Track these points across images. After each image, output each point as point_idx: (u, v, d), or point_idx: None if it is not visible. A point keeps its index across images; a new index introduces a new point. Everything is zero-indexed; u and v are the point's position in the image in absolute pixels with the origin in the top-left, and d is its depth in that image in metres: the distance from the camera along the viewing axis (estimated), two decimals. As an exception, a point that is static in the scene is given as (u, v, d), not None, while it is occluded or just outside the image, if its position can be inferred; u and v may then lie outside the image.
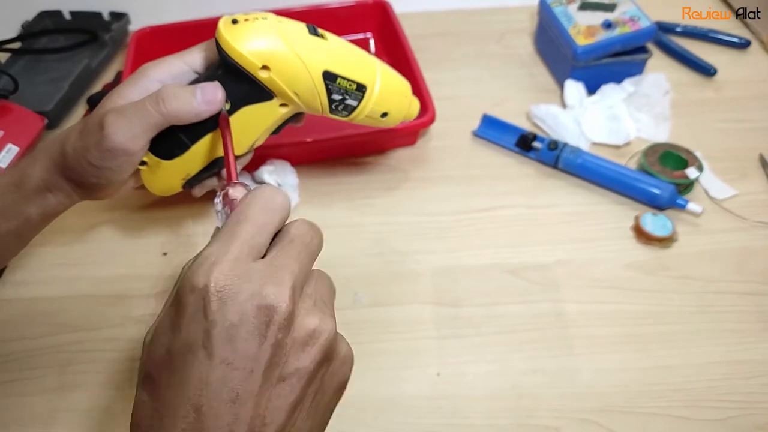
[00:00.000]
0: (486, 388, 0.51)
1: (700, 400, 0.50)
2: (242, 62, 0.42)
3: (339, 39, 0.48)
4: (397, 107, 0.52)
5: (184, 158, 0.47)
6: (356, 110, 0.49)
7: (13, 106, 0.72)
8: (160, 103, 0.40)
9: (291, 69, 0.43)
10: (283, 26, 0.44)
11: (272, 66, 0.43)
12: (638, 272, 0.59)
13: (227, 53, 0.42)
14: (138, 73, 0.43)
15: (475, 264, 0.60)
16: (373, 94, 0.48)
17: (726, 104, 0.77)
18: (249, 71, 0.43)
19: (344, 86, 0.46)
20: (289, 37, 0.43)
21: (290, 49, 0.43)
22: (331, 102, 0.47)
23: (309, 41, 0.44)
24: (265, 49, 0.42)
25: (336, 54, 0.46)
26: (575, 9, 0.77)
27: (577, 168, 0.67)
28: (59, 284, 0.60)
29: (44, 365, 0.54)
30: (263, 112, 0.46)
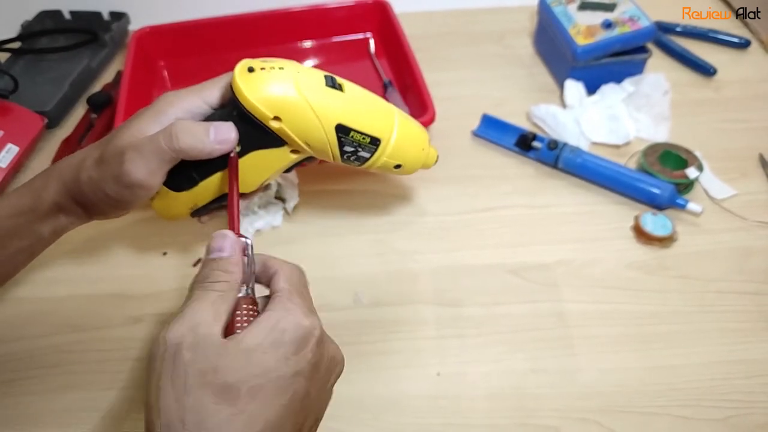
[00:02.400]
0: (486, 388, 0.51)
1: (701, 400, 0.50)
2: (254, 112, 0.42)
3: (358, 89, 0.47)
4: (411, 160, 0.51)
5: (193, 191, 0.47)
6: (368, 161, 0.49)
7: (13, 105, 0.72)
8: (173, 139, 0.41)
9: (303, 121, 0.43)
10: (300, 77, 0.43)
11: (284, 117, 0.42)
12: (638, 272, 0.59)
13: (240, 101, 0.42)
14: (156, 106, 0.43)
15: (475, 264, 0.60)
16: (387, 147, 0.48)
17: (726, 104, 0.77)
18: (261, 121, 0.42)
19: (357, 139, 0.46)
20: (304, 89, 0.42)
21: (304, 101, 0.42)
22: (342, 153, 0.46)
23: (325, 93, 0.44)
24: (278, 100, 0.42)
25: (352, 107, 0.45)
26: (575, 9, 0.77)
27: (577, 168, 0.67)
28: (59, 284, 0.60)
29: (44, 365, 0.54)
30: (274, 156, 0.45)
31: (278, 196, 0.65)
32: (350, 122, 0.45)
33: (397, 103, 0.75)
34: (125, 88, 0.72)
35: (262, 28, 0.85)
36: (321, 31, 0.86)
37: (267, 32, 0.85)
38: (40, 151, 0.73)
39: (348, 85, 0.46)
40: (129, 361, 0.53)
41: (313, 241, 0.63)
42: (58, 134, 0.75)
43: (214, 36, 0.84)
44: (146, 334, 0.55)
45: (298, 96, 0.42)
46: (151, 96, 0.79)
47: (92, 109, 0.77)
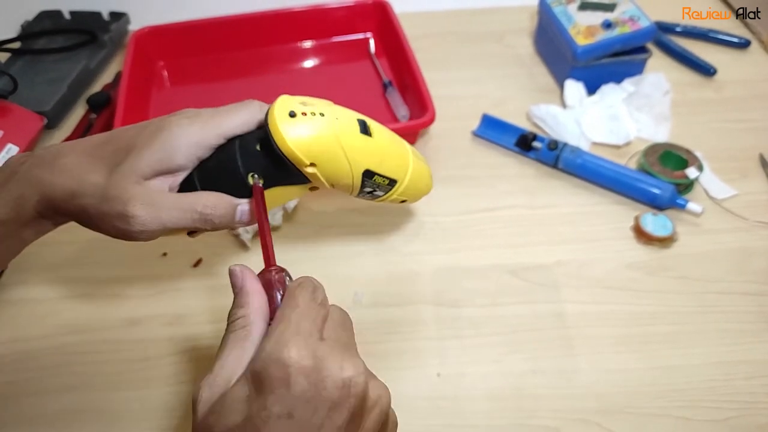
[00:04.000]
0: (486, 389, 0.51)
1: (701, 401, 0.50)
2: (292, 158, 0.40)
3: (384, 133, 0.47)
4: (416, 195, 0.52)
5: None
6: (380, 198, 0.49)
7: (12, 106, 0.71)
8: (208, 218, 0.39)
9: (336, 168, 0.43)
10: (339, 125, 0.42)
11: (319, 164, 0.41)
12: (638, 272, 0.59)
13: (278, 145, 0.40)
14: (165, 139, 0.38)
15: (475, 264, 0.60)
16: (401, 187, 0.49)
17: (726, 104, 0.77)
18: (295, 165, 0.41)
19: (379, 182, 0.46)
20: (341, 138, 0.42)
21: (341, 150, 0.42)
22: (361, 192, 0.47)
23: (358, 141, 0.43)
24: (319, 149, 0.41)
25: (379, 154, 0.45)
26: (575, 9, 0.76)
27: (577, 168, 0.67)
28: (59, 284, 0.60)
29: (43, 366, 0.53)
30: (294, 191, 0.45)
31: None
32: (376, 168, 0.45)
33: (397, 103, 0.75)
34: (125, 89, 0.72)
35: (262, 28, 0.85)
36: (321, 31, 0.86)
37: (267, 32, 0.85)
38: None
39: (376, 128, 0.46)
40: (128, 362, 0.53)
41: (312, 242, 0.63)
42: (58, 134, 0.75)
43: (213, 36, 0.84)
44: (146, 335, 0.55)
45: (337, 146, 0.42)
46: (151, 96, 0.79)
47: (92, 110, 0.77)
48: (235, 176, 0.40)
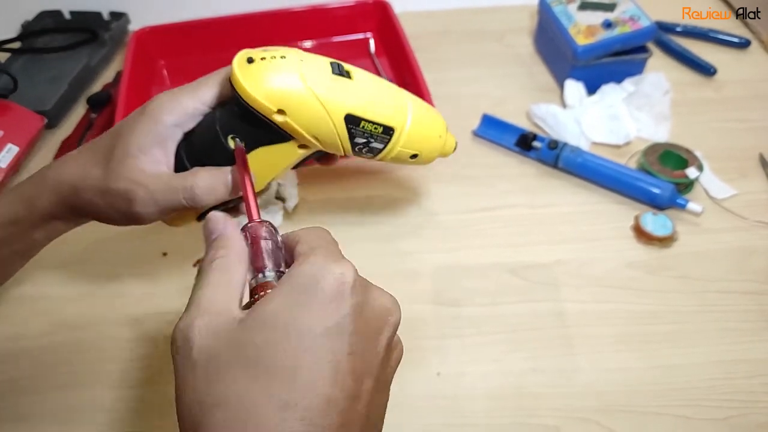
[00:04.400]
0: (486, 388, 0.51)
1: (701, 400, 0.50)
2: (256, 106, 0.38)
3: (367, 75, 0.43)
4: (428, 149, 0.48)
5: None
6: (382, 152, 0.45)
7: (12, 105, 0.72)
8: (194, 197, 0.39)
9: (309, 113, 0.40)
10: (303, 65, 0.39)
11: (289, 110, 0.39)
12: (638, 272, 0.59)
13: (240, 96, 0.38)
14: (150, 113, 0.39)
15: (475, 263, 0.60)
16: (401, 136, 0.44)
17: (726, 104, 0.77)
18: (264, 115, 0.39)
19: (369, 129, 0.42)
20: (309, 79, 0.39)
21: (309, 92, 0.39)
22: (354, 145, 0.43)
23: (332, 82, 0.40)
24: (281, 92, 0.38)
25: (361, 95, 0.41)
26: (575, 8, 0.77)
27: (578, 167, 0.67)
28: (59, 284, 0.60)
29: (44, 364, 0.54)
30: (281, 152, 0.42)
31: (278, 196, 0.65)
32: (360, 112, 0.41)
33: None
34: (125, 88, 0.72)
35: (262, 27, 0.85)
36: (321, 30, 0.86)
37: (267, 32, 0.85)
38: (40, 151, 0.73)
39: (356, 71, 0.42)
40: (128, 360, 0.53)
41: (313, 241, 0.62)
42: (58, 134, 0.75)
43: (214, 35, 0.84)
44: (146, 334, 0.55)
45: (302, 87, 0.39)
46: (151, 95, 0.79)
47: (92, 109, 0.77)
48: (216, 144, 0.40)
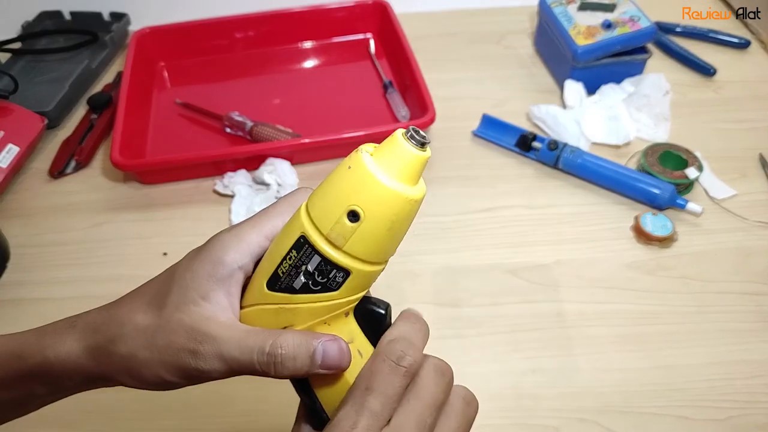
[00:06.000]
0: (486, 388, 0.51)
1: (700, 400, 0.50)
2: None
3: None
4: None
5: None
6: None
7: (13, 106, 0.72)
8: (272, 366, 0.30)
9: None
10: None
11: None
12: (638, 272, 0.59)
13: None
14: (211, 253, 0.32)
15: (475, 264, 0.60)
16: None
17: (726, 104, 0.77)
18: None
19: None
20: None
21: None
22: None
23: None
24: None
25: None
26: (575, 9, 0.77)
27: (577, 168, 0.67)
28: (59, 284, 0.60)
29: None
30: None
31: (278, 196, 0.65)
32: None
33: (397, 104, 0.75)
34: (125, 89, 0.72)
35: (263, 28, 0.85)
36: (321, 31, 0.86)
37: (267, 33, 0.85)
38: (41, 152, 0.74)
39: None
40: (129, 361, 0.53)
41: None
42: (59, 135, 0.75)
43: (214, 37, 0.84)
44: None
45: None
46: (152, 96, 0.79)
47: (93, 110, 0.77)
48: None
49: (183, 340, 0.30)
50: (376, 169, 0.28)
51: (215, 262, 0.32)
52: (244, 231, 0.32)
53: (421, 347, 0.31)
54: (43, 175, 0.71)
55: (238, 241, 0.32)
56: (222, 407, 0.51)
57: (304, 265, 0.29)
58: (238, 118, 0.72)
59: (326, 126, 0.71)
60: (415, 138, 0.28)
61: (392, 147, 0.29)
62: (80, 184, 0.70)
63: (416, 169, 0.29)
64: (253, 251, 0.32)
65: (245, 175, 0.67)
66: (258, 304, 0.31)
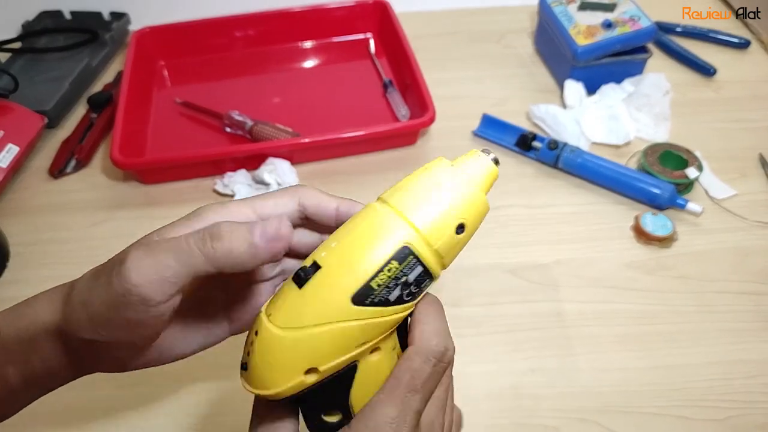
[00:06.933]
0: (485, 388, 0.51)
1: (700, 400, 0.50)
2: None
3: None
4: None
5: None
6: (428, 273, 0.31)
7: (13, 105, 0.72)
8: (207, 240, 0.27)
9: None
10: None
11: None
12: (638, 272, 0.59)
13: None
14: (191, 213, 0.31)
15: (474, 264, 0.60)
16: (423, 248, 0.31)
17: (726, 104, 0.77)
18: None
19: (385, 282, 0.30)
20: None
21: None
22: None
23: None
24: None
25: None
26: (575, 9, 0.77)
27: (577, 168, 0.67)
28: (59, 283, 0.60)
29: (44, 364, 0.54)
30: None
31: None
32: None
33: (397, 103, 0.75)
34: (125, 88, 0.72)
35: (263, 27, 0.85)
36: (321, 31, 0.86)
37: (267, 32, 0.85)
38: (40, 151, 0.73)
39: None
40: (129, 360, 0.53)
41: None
42: (59, 134, 0.75)
43: (214, 36, 0.84)
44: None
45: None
46: (151, 95, 0.79)
47: (92, 109, 0.77)
48: None
49: (117, 258, 0.28)
50: (479, 182, 0.31)
51: (194, 216, 0.31)
52: (231, 203, 0.31)
53: (450, 335, 0.32)
54: (43, 174, 0.71)
55: (223, 207, 0.31)
56: (220, 406, 0.51)
57: (405, 276, 0.28)
58: (238, 118, 0.72)
59: (326, 125, 0.71)
60: (492, 157, 0.31)
61: (478, 162, 0.31)
62: (80, 183, 0.70)
63: (492, 182, 0.32)
64: (236, 219, 0.30)
65: (245, 175, 0.67)
66: (339, 321, 0.27)
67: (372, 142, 0.70)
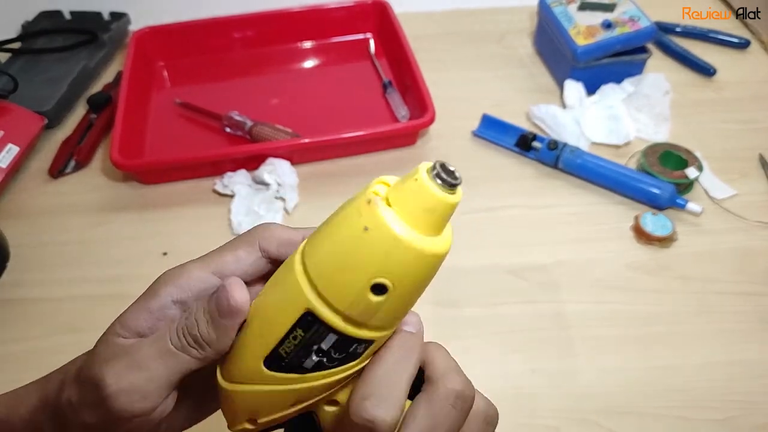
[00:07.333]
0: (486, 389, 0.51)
1: (700, 401, 0.50)
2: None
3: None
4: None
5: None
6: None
7: (12, 106, 0.71)
8: (187, 340, 0.26)
9: None
10: None
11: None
12: (638, 272, 0.59)
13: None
14: (149, 289, 0.30)
15: (475, 264, 0.60)
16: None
17: (726, 104, 0.77)
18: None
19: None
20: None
21: None
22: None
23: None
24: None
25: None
26: (575, 9, 0.76)
27: (577, 168, 0.67)
28: (59, 284, 0.60)
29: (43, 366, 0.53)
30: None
31: (278, 196, 0.65)
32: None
33: (397, 104, 0.75)
34: (125, 89, 0.72)
35: (262, 28, 0.85)
36: (320, 31, 0.86)
37: (267, 32, 0.85)
38: (40, 152, 0.73)
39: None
40: (128, 361, 0.53)
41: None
42: (58, 134, 0.75)
43: (213, 36, 0.84)
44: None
45: None
46: (151, 96, 0.79)
47: (92, 110, 0.77)
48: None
49: (94, 365, 0.27)
50: (402, 229, 0.22)
51: (150, 294, 0.29)
52: (189, 265, 0.30)
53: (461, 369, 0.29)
54: (43, 175, 0.71)
55: (180, 274, 0.29)
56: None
57: (316, 345, 0.24)
58: (238, 118, 0.72)
59: (326, 126, 0.71)
60: (443, 178, 0.23)
61: (416, 191, 0.22)
62: (79, 184, 0.70)
63: (446, 216, 0.23)
64: (194, 287, 0.29)
65: (245, 175, 0.67)
66: (254, 383, 0.25)
67: (371, 142, 0.70)
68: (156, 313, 0.28)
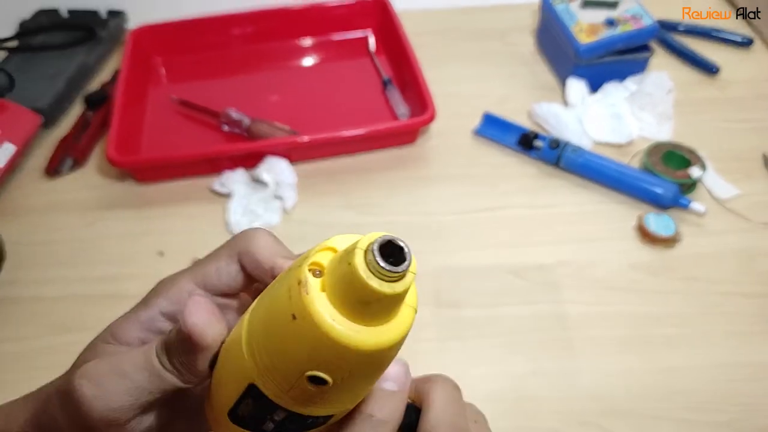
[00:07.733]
0: (487, 390, 0.50)
1: (703, 403, 0.49)
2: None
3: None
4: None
5: None
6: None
7: (8, 103, 0.71)
8: (158, 370, 0.25)
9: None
10: None
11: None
12: (641, 273, 0.58)
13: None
14: (144, 298, 0.30)
15: (475, 264, 0.59)
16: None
17: (729, 103, 0.76)
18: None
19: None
20: None
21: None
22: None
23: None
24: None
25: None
26: (577, 7, 0.76)
27: (579, 167, 0.66)
28: (55, 283, 0.59)
29: (41, 365, 0.53)
30: None
31: (277, 195, 0.65)
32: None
33: (396, 101, 0.75)
34: (122, 86, 0.72)
35: (261, 25, 0.84)
36: (320, 28, 0.85)
37: (265, 29, 0.84)
38: (37, 149, 0.73)
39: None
40: (124, 362, 0.53)
41: (310, 240, 0.62)
42: (55, 132, 0.74)
43: (211, 33, 0.84)
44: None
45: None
46: (148, 93, 0.79)
47: (89, 107, 0.76)
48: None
49: (74, 376, 0.26)
50: (331, 320, 0.19)
51: (143, 304, 0.29)
52: (180, 276, 0.29)
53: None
54: (39, 174, 0.70)
55: (171, 285, 0.29)
56: None
57: (269, 415, 0.22)
58: (236, 116, 0.71)
59: (325, 123, 0.70)
60: (379, 267, 0.19)
61: (348, 279, 0.19)
62: (76, 183, 0.69)
63: (389, 307, 0.21)
64: (183, 299, 0.28)
65: (243, 174, 0.66)
66: (227, 429, 0.24)
67: (371, 140, 0.70)
68: (145, 324, 0.28)
